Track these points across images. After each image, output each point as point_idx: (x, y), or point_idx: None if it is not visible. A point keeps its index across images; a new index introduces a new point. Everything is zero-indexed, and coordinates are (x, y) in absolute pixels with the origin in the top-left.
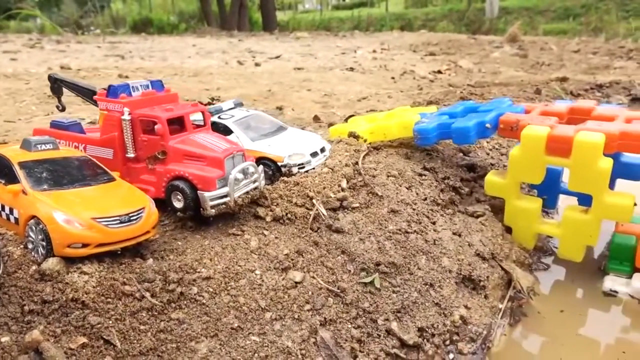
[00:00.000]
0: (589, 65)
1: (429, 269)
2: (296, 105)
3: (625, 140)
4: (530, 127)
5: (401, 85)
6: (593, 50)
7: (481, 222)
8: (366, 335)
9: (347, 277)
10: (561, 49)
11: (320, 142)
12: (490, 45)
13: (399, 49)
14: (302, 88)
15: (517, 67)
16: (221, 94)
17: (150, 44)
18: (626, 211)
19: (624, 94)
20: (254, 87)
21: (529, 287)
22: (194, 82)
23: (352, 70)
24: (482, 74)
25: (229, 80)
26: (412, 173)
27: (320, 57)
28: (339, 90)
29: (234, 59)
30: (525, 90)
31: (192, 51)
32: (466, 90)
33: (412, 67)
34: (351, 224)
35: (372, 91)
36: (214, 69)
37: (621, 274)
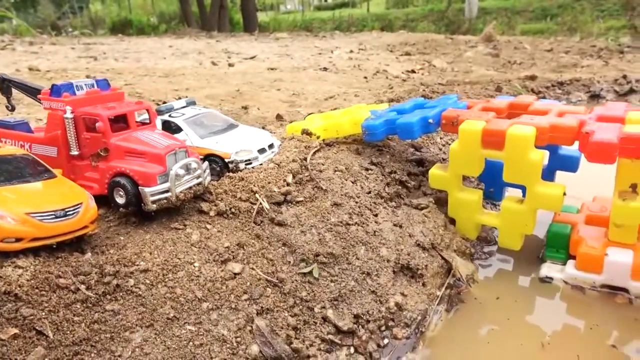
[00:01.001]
0: (558, 64)
1: (367, 259)
2: (263, 104)
3: (555, 133)
4: (467, 121)
5: (373, 84)
6: (565, 49)
7: (424, 214)
8: (302, 322)
9: (286, 268)
10: (534, 48)
11: (268, 139)
12: (466, 45)
13: (376, 49)
14: (271, 88)
15: (488, 66)
16: (189, 93)
17: (126, 45)
18: (556, 200)
19: (584, 91)
20: (224, 87)
21: (468, 275)
22: (163, 83)
23: (326, 70)
24: (455, 73)
25: (199, 81)
26: (359, 168)
27: (296, 57)
28: (308, 89)
29: (209, 59)
30: (487, 88)
31: (168, 52)
32: (429, 89)
33: (386, 66)
34: (294, 217)
35: (341, 90)
36: (187, 70)
37: (557, 261)
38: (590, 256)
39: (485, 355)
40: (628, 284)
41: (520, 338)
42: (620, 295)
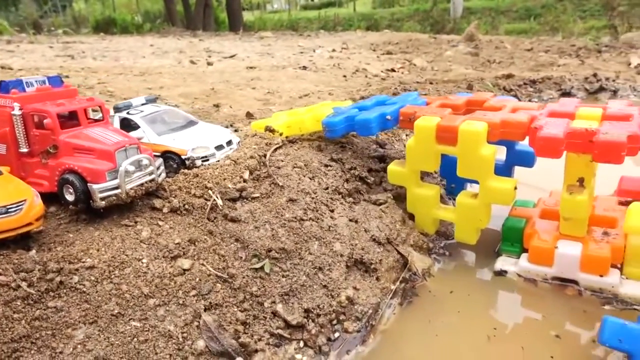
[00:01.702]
0: (536, 63)
1: (320, 254)
2: (236, 102)
3: (506, 129)
4: (422, 118)
5: (351, 83)
6: (545, 48)
7: (382, 209)
8: (252, 317)
9: (238, 263)
10: (515, 47)
11: (227, 136)
12: (448, 44)
13: (359, 48)
14: (247, 86)
15: (467, 65)
16: (163, 92)
17: (107, 44)
18: (508, 195)
19: (555, 89)
20: (200, 86)
21: (424, 269)
22: (138, 82)
23: (305, 69)
24: (434, 72)
25: (175, 80)
26: (319, 164)
27: (277, 56)
28: (284, 88)
29: (188, 58)
30: (460, 86)
31: (148, 51)
32: (400, 87)
33: (367, 65)
34: (248, 213)
35: (317, 89)
36: (164, 69)
37: (512, 254)
38: (542, 249)
39: (432, 347)
40: (577, 276)
41: (468, 331)
42: (571, 287)
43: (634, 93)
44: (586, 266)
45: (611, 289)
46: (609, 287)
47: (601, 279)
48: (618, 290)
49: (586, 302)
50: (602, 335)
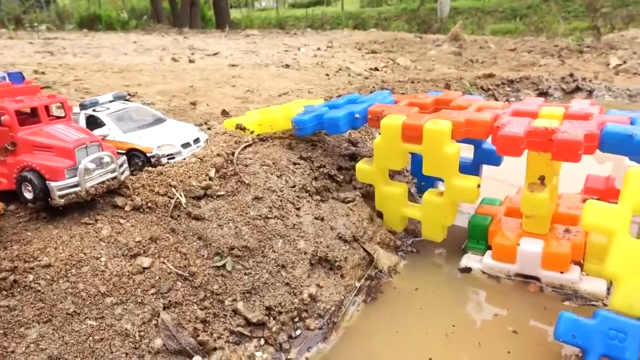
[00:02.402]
0: (518, 63)
1: (283, 252)
2: (214, 100)
3: (470, 127)
4: (389, 116)
5: (334, 81)
6: (529, 48)
7: (349, 207)
8: (212, 315)
9: (200, 261)
10: (499, 47)
11: (194, 134)
12: (434, 43)
13: (344, 47)
14: (227, 84)
15: (450, 65)
16: (141, 89)
17: (89, 41)
18: (471, 192)
19: (533, 89)
20: (178, 84)
21: (390, 266)
22: (116, 79)
23: (288, 67)
24: (418, 71)
25: (155, 77)
26: (287, 162)
27: (261, 54)
28: (265, 86)
29: (171, 56)
30: (437, 85)
31: (131, 48)
32: (378, 86)
33: (350, 64)
34: (212, 211)
35: (297, 87)
36: (145, 66)
37: (477, 252)
38: (504, 246)
39: (390, 344)
40: (539, 273)
41: (428, 328)
42: (533, 284)
43: (609, 93)
44: (547, 263)
45: (571, 285)
46: (569, 283)
47: (562, 275)
48: (578, 286)
49: (547, 298)
50: (557, 330)
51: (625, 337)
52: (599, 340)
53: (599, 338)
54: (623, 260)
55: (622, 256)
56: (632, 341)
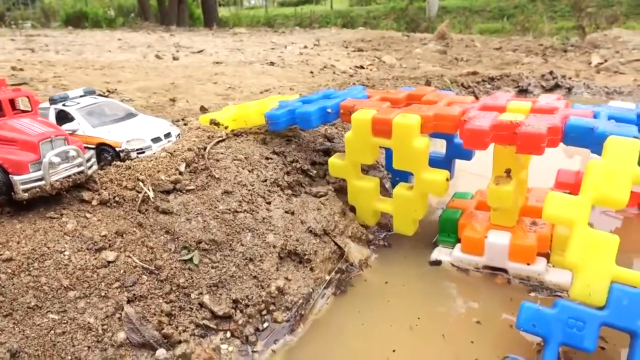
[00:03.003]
0: (502, 61)
1: (252, 245)
2: (195, 97)
3: (439, 121)
4: (360, 111)
5: (318, 79)
6: (514, 47)
7: (321, 201)
8: (178, 309)
9: (166, 255)
10: (484, 46)
11: (165, 128)
12: (420, 42)
13: (331, 45)
14: (209, 81)
15: (435, 63)
16: (121, 86)
17: (73, 38)
18: (440, 186)
19: (513, 86)
20: (160, 80)
21: (362, 260)
22: (97, 76)
23: (272, 65)
24: (403, 69)
25: (137, 74)
26: (259, 157)
27: (247, 52)
28: (247, 83)
29: (155, 53)
30: (419, 83)
31: (115, 45)
32: (359, 82)
33: (336, 62)
34: (180, 206)
35: (280, 84)
36: (128, 63)
37: (448, 245)
38: (473, 239)
39: (357, 336)
40: (506, 265)
41: (394, 320)
42: (500, 276)
43: (587, 90)
44: (514, 255)
45: (537, 276)
46: (535, 275)
47: (528, 267)
48: (544, 277)
49: (514, 289)
50: (518, 320)
51: (583, 325)
52: (559, 329)
53: (558, 327)
54: (582, 250)
55: (581, 246)
56: (590, 330)
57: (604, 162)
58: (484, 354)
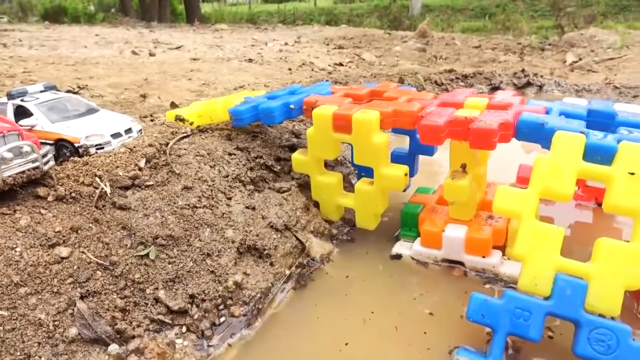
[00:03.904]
0: (480, 59)
1: (210, 240)
2: (168, 93)
3: (397, 117)
4: (321, 107)
5: (296, 76)
6: (493, 45)
7: (284, 197)
8: (132, 304)
9: (122, 251)
10: (464, 44)
11: (126, 124)
12: (401, 40)
13: (312, 42)
14: (184, 77)
15: (414, 60)
16: (92, 82)
17: (49, 33)
18: (399, 181)
19: (485, 84)
20: (133, 76)
21: (323, 254)
22: (68, 71)
23: (251, 62)
24: (382, 67)
25: (110, 70)
26: (222, 153)
27: (227, 48)
28: (222, 80)
29: (132, 49)
30: (392, 80)
31: (92, 41)
32: (337, 79)
33: (315, 59)
34: (139, 201)
35: (256, 81)
36: (103, 59)
37: (409, 239)
38: (431, 232)
39: (311, 330)
40: (463, 258)
41: (348, 314)
42: (457, 269)
43: (558, 88)
44: (470, 248)
45: (492, 269)
46: (490, 267)
47: (483, 259)
48: (499, 270)
49: (470, 282)
50: (468, 311)
51: (529, 315)
52: (506, 319)
53: (505, 317)
54: (528, 242)
55: (528, 238)
56: (536, 319)
57: (551, 156)
58: (436, 345)
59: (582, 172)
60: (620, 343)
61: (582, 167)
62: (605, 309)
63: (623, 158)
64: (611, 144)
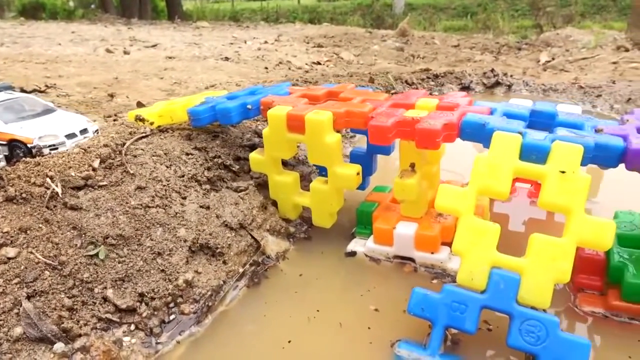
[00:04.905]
0: (456, 58)
1: (162, 239)
2: (138, 92)
3: (350, 118)
4: (276, 107)
5: (272, 75)
6: (471, 45)
7: (240, 196)
8: (80, 303)
9: (72, 251)
10: (443, 43)
11: (82, 124)
12: (381, 39)
13: (292, 40)
14: (155, 76)
15: (392, 59)
16: (62, 81)
17: (24, 30)
18: (351, 180)
19: (456, 83)
20: (104, 75)
21: (279, 252)
22: (37, 70)
23: (227, 60)
24: (359, 66)
25: (81, 68)
26: (180, 152)
27: (205, 46)
28: (195, 78)
29: (108, 47)
30: (363, 79)
31: (67, 38)
32: (302, 78)
33: (293, 57)
34: (90, 201)
35: (231, 80)
36: (76, 57)
37: (364, 236)
38: (383, 230)
39: (257, 327)
40: (413, 254)
41: (294, 311)
42: (408, 265)
43: (526, 88)
44: (419, 244)
45: (440, 264)
46: (438, 263)
47: (432, 255)
48: (447, 265)
49: (419, 277)
50: (409, 305)
51: (466, 308)
52: (444, 313)
53: (443, 310)
54: (466, 238)
55: (466, 235)
56: (472, 312)
57: (489, 156)
58: (378, 339)
59: (518, 170)
60: (549, 334)
61: (518, 166)
62: (536, 301)
63: (556, 157)
64: (545, 143)
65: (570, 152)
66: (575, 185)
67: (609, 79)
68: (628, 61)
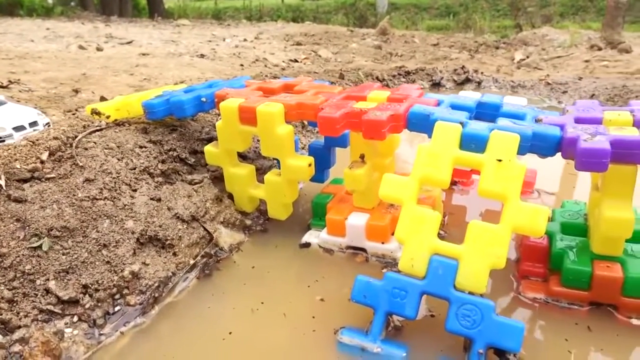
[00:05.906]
0: (433, 57)
1: (108, 232)
2: (105, 88)
3: (301, 110)
4: (228, 100)
5: (247, 72)
6: (450, 44)
7: (194, 188)
8: (21, 295)
9: (14, 243)
10: (423, 42)
11: (32, 117)
12: (361, 37)
13: (272, 38)
14: (125, 72)
15: (369, 57)
16: (27, 77)
17: None
18: (303, 171)
19: (427, 80)
20: (73, 71)
21: (233, 244)
22: (3, 65)
23: (202, 57)
24: (337, 63)
25: (50, 65)
26: (133, 145)
27: (182, 44)
28: (166, 75)
29: (81, 43)
30: (333, 76)
31: (41, 35)
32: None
33: (270, 55)
34: (36, 194)
35: (202, 76)
36: (47, 54)
37: (319, 228)
38: (336, 221)
39: (200, 318)
40: (364, 244)
41: (238, 303)
42: (360, 255)
43: (495, 84)
44: (370, 234)
45: (390, 254)
46: (389, 252)
47: (382, 245)
48: (396, 255)
49: (370, 267)
50: (352, 292)
51: (405, 294)
52: (385, 299)
53: (384, 297)
54: (408, 226)
55: (407, 222)
56: (411, 298)
57: (430, 145)
58: (322, 327)
59: (457, 159)
60: (484, 318)
61: (458, 155)
62: (472, 286)
63: (493, 146)
64: (483, 133)
65: (506, 141)
66: (511, 173)
67: (577, 76)
68: (599, 59)
